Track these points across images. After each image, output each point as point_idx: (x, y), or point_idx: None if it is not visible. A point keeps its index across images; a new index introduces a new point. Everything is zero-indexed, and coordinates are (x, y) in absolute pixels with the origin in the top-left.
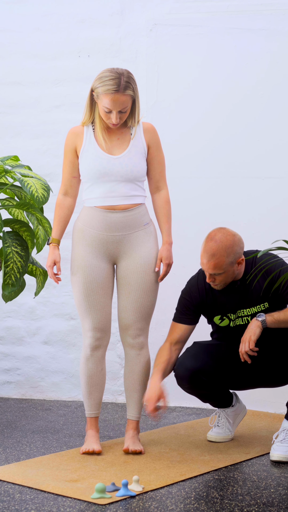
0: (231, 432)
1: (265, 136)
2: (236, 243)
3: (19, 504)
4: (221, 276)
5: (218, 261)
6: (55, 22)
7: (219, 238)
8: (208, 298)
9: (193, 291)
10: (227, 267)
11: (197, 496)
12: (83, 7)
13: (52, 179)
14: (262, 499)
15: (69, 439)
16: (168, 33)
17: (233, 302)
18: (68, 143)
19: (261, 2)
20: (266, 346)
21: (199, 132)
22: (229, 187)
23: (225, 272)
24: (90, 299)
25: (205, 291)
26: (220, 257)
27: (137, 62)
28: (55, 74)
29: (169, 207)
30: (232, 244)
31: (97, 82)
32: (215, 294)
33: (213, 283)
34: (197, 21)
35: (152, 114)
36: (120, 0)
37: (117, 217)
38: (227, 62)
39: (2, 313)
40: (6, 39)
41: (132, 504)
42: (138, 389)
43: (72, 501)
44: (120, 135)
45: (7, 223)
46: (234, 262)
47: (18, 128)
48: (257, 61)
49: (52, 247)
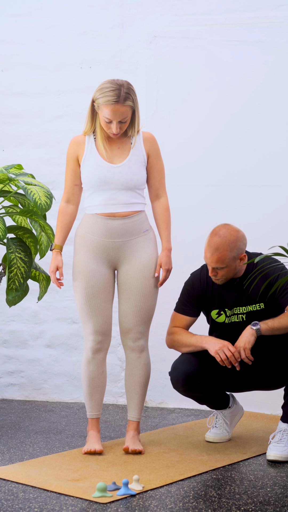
0: (229, 433)
1: (261, 145)
2: (239, 239)
3: (22, 503)
4: (223, 270)
5: (221, 255)
6: (58, 34)
7: (223, 233)
8: (208, 290)
9: (195, 282)
10: (229, 262)
11: (196, 495)
12: (85, 20)
13: (55, 187)
14: (259, 497)
15: (71, 439)
16: (167, 45)
17: (230, 298)
18: (70, 152)
19: (258, 15)
20: (259, 351)
21: (198, 141)
22: (226, 195)
23: (228, 267)
24: (92, 304)
25: (206, 283)
26: (224, 251)
27: (137, 74)
28: (57, 85)
29: (168, 214)
30: (236, 239)
31: (97, 93)
32: (215, 288)
33: (215, 277)
34: (195, 33)
35: (152, 123)
36: (121, 13)
37: (117, 224)
38: (224, 73)
39: (6, 317)
40: (10, 51)
41: (133, 503)
42: (139, 391)
43: (74, 499)
44: (120, 144)
45: (11, 230)
46: (237, 258)
47: (22, 137)
48: (253, 72)
49: (54, 253)
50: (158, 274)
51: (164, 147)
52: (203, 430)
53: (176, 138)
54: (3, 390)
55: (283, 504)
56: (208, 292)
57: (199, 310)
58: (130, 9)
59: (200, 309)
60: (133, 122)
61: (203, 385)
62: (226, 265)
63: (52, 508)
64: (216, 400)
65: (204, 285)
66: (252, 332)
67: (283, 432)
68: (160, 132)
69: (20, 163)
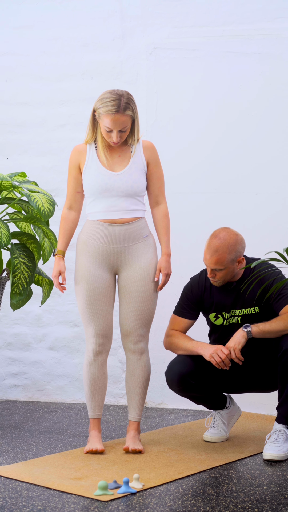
0: (226, 433)
1: (257, 153)
2: (238, 242)
3: (26, 501)
4: (222, 272)
5: (220, 257)
6: (60, 46)
7: (223, 236)
8: (206, 294)
9: (194, 287)
10: (228, 264)
11: (194, 493)
12: (86, 32)
13: (57, 194)
14: (255, 495)
15: (73, 439)
16: (166, 57)
17: (227, 302)
18: (72, 160)
19: (254, 27)
20: (254, 354)
21: (196, 149)
22: (224, 201)
23: (226, 269)
24: (93, 307)
25: (204, 288)
26: (223, 253)
27: (138, 84)
28: (60, 95)
29: (167, 220)
30: (235, 242)
31: (98, 103)
32: (213, 292)
33: (213, 278)
34: (194, 45)
35: (151, 132)
36: (122, 26)
37: (118, 230)
38: (222, 83)
39: (10, 320)
40: (14, 62)
41: (133, 501)
42: (139, 392)
43: (76, 497)
44: (121, 153)
45: (15, 236)
46: (235, 260)
47: (26, 146)
48: (250, 83)
49: (57, 258)
50: (158, 278)
51: (163, 155)
52: (201, 430)
53: (175, 147)
54: (7, 391)
55: (279, 502)
56: (206, 296)
57: (197, 313)
58: (131, 21)
59: (198, 312)
60: (133, 131)
61: (197, 385)
62: (224, 266)
63: (55, 506)
64: (212, 400)
65: (202, 290)
66: (243, 334)
67: (278, 432)
68: (159, 140)
69: (23, 171)
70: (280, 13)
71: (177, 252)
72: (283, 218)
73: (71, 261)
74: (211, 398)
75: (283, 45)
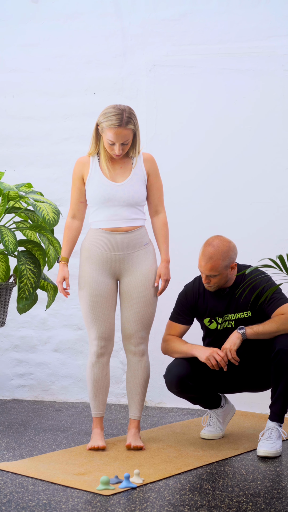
0: (222, 430)
1: (252, 165)
2: (231, 249)
3: (32, 495)
4: (216, 278)
5: (214, 264)
6: (65, 63)
7: (216, 244)
8: (200, 301)
9: (189, 293)
10: (222, 270)
11: (192, 488)
12: (89, 50)
13: (62, 204)
14: (250, 490)
15: (77, 436)
16: (165, 73)
17: (221, 307)
18: (76, 171)
19: (249, 45)
20: (249, 355)
21: (194, 161)
22: (220, 211)
23: (220, 275)
24: (96, 311)
25: (198, 294)
26: (217, 260)
27: (138, 99)
28: (64, 110)
29: (166, 228)
30: (228, 249)
31: (101, 117)
32: (207, 298)
33: (208, 284)
34: (191, 62)
35: (151, 145)
36: (123, 44)
37: (120, 238)
38: (218, 99)
39: (17, 323)
40: (20, 78)
41: (133, 495)
42: (139, 391)
43: (79, 492)
44: (122, 165)
45: (21, 243)
46: (228, 266)
47: (31, 158)
48: (245, 98)
49: (61, 265)
50: (158, 284)
51: (162, 167)
52: (198, 428)
53: (174, 159)
54: (14, 391)
55: (272, 496)
56: (200, 302)
57: (191, 318)
58: (131, 39)
59: (193, 317)
60: (134, 144)
61: (195, 387)
62: (219, 272)
63: (59, 500)
64: (208, 400)
65: (196, 296)
66: (238, 335)
67: (271, 429)
68: (159, 153)
69: (29, 182)
70: (273, 32)
71: (176, 259)
72: (276, 226)
73: (74, 267)
74: (208, 398)
75: (276, 62)
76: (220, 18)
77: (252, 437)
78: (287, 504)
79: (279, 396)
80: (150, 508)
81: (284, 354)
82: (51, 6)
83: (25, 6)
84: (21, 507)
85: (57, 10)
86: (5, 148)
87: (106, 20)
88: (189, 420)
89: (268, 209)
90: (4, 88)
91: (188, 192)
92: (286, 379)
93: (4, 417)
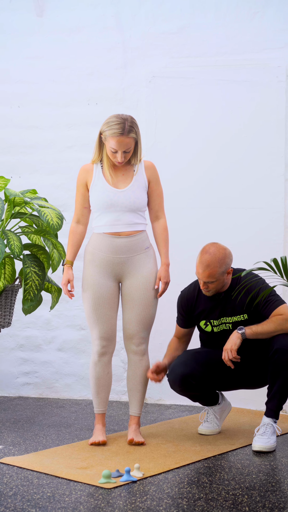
0: (219, 426)
1: (248, 173)
2: (227, 255)
3: (37, 488)
4: (214, 284)
5: (212, 271)
6: (68, 74)
7: (213, 251)
8: (195, 305)
9: (183, 299)
10: (219, 276)
11: (190, 481)
12: (92, 62)
13: (65, 209)
14: (245, 483)
15: (80, 432)
16: (165, 84)
17: (216, 310)
18: (80, 178)
19: (244, 57)
20: (246, 355)
21: (192, 169)
22: (218, 216)
23: (217, 281)
24: (98, 312)
25: (195, 298)
26: (214, 267)
27: (138, 109)
28: (67, 119)
29: (166, 233)
30: (224, 256)
31: (105, 126)
32: (202, 302)
33: (206, 289)
34: (189, 73)
35: (151, 153)
36: (124, 56)
37: (122, 242)
38: (215, 109)
39: (22, 324)
40: (26, 89)
41: (134, 488)
42: (140, 389)
43: (82, 485)
44: (124, 172)
45: (26, 247)
46: (225, 272)
47: (36, 165)
48: (241, 108)
49: (66, 268)
50: (158, 286)
51: (163, 174)
52: (196, 424)
53: (173, 166)
54: (20, 389)
55: (266, 489)
56: (196, 306)
57: (190, 322)
58: (132, 52)
59: (193, 321)
60: (136, 152)
61: (197, 385)
62: (216, 279)
63: (63, 493)
64: (207, 398)
65: (191, 301)
66: (238, 335)
67: (266, 425)
68: (159, 161)
69: (34, 188)
70: (268, 44)
71: (175, 263)
72: (271, 231)
73: (78, 270)
74: (207, 396)
75: (270, 74)
76: (216, 31)
77: (248, 432)
78: (281, 496)
79: (275, 393)
80: (149, 500)
81: (282, 353)
82: (55, 20)
83: (30, 21)
84: (26, 500)
85: (61, 24)
86: (11, 156)
87: (107, 34)
88: (187, 416)
89: (263, 214)
90: (10, 99)
91: (187, 198)
92: (282, 377)
93: (10, 413)
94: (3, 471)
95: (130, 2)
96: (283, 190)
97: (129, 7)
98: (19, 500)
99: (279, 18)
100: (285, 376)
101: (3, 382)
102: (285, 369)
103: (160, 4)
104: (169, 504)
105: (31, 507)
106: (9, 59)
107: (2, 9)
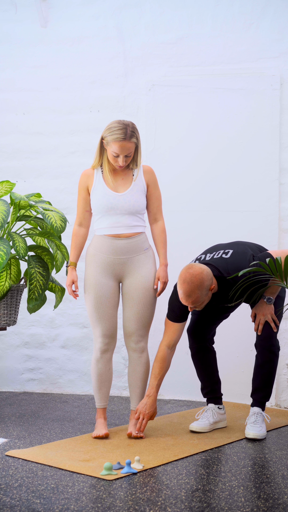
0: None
1: (243, 177)
2: (204, 278)
3: (41, 480)
4: (200, 304)
5: (195, 298)
6: (71, 83)
7: (190, 280)
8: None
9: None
10: (203, 298)
11: (188, 473)
12: (94, 71)
13: (69, 212)
14: (241, 475)
15: (82, 426)
16: (164, 92)
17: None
18: (81, 183)
19: (240, 66)
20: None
21: (190, 173)
22: (214, 219)
23: (203, 302)
24: (100, 311)
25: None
26: (195, 295)
27: (138, 116)
28: (70, 126)
29: (165, 235)
30: (201, 281)
31: (106, 131)
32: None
33: (196, 309)
34: (188, 82)
35: (150, 159)
36: (124, 65)
37: (122, 244)
38: (212, 116)
39: (27, 322)
40: (30, 97)
41: (134, 480)
42: (140, 385)
43: (84, 477)
44: (124, 176)
45: (31, 249)
46: (207, 290)
47: (40, 170)
48: (237, 115)
49: (70, 269)
50: (157, 286)
51: (161, 178)
52: (194, 418)
53: (171, 171)
54: (25, 384)
55: (261, 481)
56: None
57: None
58: (132, 61)
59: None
60: (135, 157)
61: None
62: (201, 302)
63: (66, 484)
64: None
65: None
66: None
67: (257, 414)
68: (157, 165)
69: (39, 192)
70: (263, 54)
71: (173, 263)
72: (265, 233)
73: (80, 270)
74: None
75: (265, 82)
76: (214, 41)
77: (244, 426)
78: (275, 488)
79: (260, 386)
80: (149, 491)
81: (264, 349)
82: (58, 31)
83: (34, 31)
84: (31, 491)
85: (64, 34)
86: (17, 161)
87: (109, 44)
88: (186, 411)
89: (258, 217)
90: (15, 106)
91: (185, 201)
92: (265, 372)
93: (16, 408)
94: (8, 464)
95: (130, 14)
96: (277, 194)
97: (129, 18)
98: (24, 491)
99: (274, 29)
100: (270, 368)
101: (8, 378)
102: (269, 362)
103: (159, 15)
104: (168, 495)
105: (35, 497)
106: (14, 68)
107: (8, 20)
